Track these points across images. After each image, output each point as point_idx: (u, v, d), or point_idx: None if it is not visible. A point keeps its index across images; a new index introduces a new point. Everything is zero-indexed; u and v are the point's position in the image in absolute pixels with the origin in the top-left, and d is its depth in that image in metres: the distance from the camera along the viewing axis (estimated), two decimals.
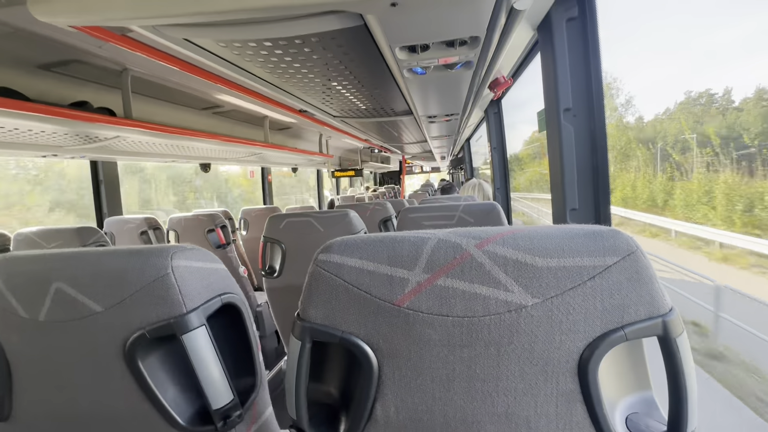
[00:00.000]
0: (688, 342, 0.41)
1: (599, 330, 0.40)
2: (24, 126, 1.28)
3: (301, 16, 0.80)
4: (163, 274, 0.54)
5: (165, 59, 1.26)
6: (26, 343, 0.58)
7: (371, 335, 0.44)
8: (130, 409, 0.58)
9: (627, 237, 0.41)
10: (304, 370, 0.47)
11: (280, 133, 3.69)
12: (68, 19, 0.77)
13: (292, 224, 1.56)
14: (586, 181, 1.29)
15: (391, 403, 0.45)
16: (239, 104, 2.29)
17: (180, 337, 0.54)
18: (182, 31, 0.86)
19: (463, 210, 1.44)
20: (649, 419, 0.45)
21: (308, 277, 0.46)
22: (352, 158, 6.15)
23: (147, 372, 0.56)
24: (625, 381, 0.47)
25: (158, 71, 1.66)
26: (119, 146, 1.85)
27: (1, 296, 0.57)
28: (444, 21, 0.82)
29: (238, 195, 7.39)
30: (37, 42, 1.26)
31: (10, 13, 1.05)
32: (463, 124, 2.69)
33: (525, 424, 0.43)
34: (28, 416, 0.61)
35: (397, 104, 1.80)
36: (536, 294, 0.40)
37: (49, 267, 0.56)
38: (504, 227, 0.44)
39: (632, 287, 0.40)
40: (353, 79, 1.31)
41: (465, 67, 1.14)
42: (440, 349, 0.43)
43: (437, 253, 0.43)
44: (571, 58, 1.27)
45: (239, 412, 0.60)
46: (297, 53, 1.02)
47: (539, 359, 0.41)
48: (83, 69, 1.59)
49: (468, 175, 6.63)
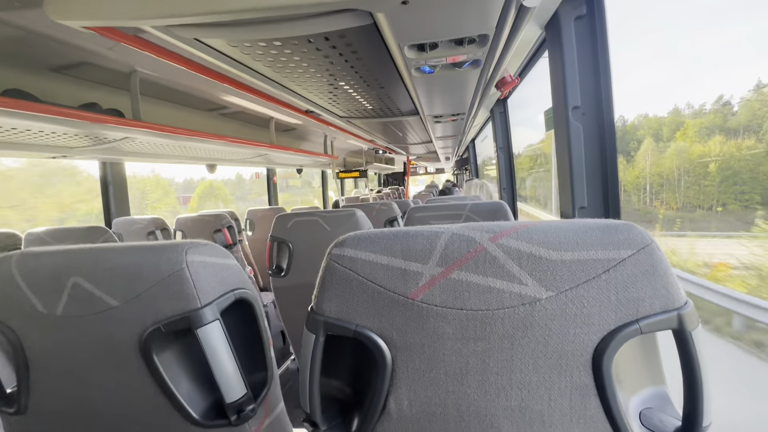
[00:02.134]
0: (703, 335, 0.41)
1: (613, 323, 0.40)
2: (36, 127, 1.30)
3: (311, 15, 0.81)
4: (178, 269, 0.55)
5: (174, 59, 1.28)
6: (44, 337, 0.59)
7: (385, 329, 0.44)
8: (145, 403, 0.58)
9: (641, 230, 0.41)
10: (317, 364, 0.47)
11: (285, 134, 3.71)
12: (83, 21, 0.78)
13: (299, 224, 1.57)
14: (595, 179, 1.28)
15: (405, 396, 0.46)
16: (246, 105, 2.30)
17: (195, 331, 0.55)
18: (193, 31, 0.88)
19: (471, 209, 1.43)
20: (663, 414, 0.45)
21: (322, 271, 0.47)
22: (356, 159, 6.16)
23: (162, 366, 0.56)
24: (639, 375, 0.47)
25: (167, 72, 1.68)
26: (127, 147, 1.87)
27: (19, 291, 0.58)
28: (453, 19, 0.83)
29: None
30: (49, 45, 1.28)
31: (24, 16, 1.07)
32: (469, 123, 2.69)
33: (539, 417, 0.43)
34: (45, 410, 0.62)
35: (404, 104, 1.81)
36: (550, 287, 0.40)
37: (66, 262, 0.57)
38: (517, 222, 0.44)
39: (647, 280, 0.39)
40: (360, 78, 1.32)
41: (472, 66, 1.15)
42: (454, 343, 0.43)
43: (451, 246, 0.43)
44: (580, 56, 1.26)
45: (252, 406, 0.60)
46: (306, 52, 1.03)
47: (553, 353, 0.41)
48: (93, 71, 1.62)
49: (473, 176, 6.61)
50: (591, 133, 1.27)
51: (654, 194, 4.65)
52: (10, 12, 1.03)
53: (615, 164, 1.26)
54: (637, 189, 4.69)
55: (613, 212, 1.27)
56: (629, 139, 4.62)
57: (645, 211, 4.58)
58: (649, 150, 4.68)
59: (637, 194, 4.77)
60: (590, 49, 1.25)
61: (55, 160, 1.97)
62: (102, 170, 2.50)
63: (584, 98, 1.27)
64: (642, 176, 4.69)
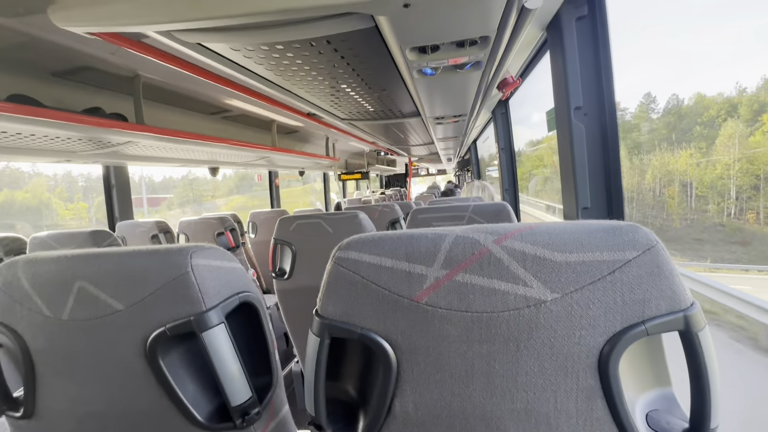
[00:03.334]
0: (710, 337, 0.41)
1: (619, 325, 0.40)
2: (40, 132, 1.31)
3: (313, 19, 0.81)
4: (183, 272, 0.55)
5: (176, 64, 1.29)
6: (50, 341, 0.59)
7: (390, 331, 0.44)
8: (151, 406, 0.59)
9: (647, 232, 0.41)
10: (322, 366, 0.47)
11: (287, 137, 3.72)
12: (87, 26, 0.79)
13: (302, 226, 1.57)
14: (598, 179, 1.28)
15: (410, 399, 0.45)
16: (248, 108, 2.31)
17: (200, 334, 0.55)
18: (196, 36, 0.88)
19: (473, 210, 1.43)
20: (670, 416, 0.45)
21: (326, 274, 0.47)
22: (358, 161, 6.17)
23: (167, 369, 0.56)
24: (645, 377, 0.47)
25: (169, 76, 1.69)
26: (130, 151, 1.88)
27: (25, 295, 0.58)
28: (455, 21, 0.83)
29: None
30: (53, 50, 1.29)
31: (28, 22, 1.08)
32: (471, 125, 2.69)
33: (545, 420, 0.43)
34: (51, 414, 0.62)
35: (405, 106, 1.81)
36: (555, 289, 0.40)
37: (72, 266, 0.58)
38: (522, 223, 0.44)
39: (653, 282, 0.39)
40: (362, 80, 1.32)
41: (474, 68, 1.15)
42: (459, 345, 0.43)
43: (455, 249, 0.43)
44: (581, 57, 1.26)
45: (257, 410, 0.60)
46: (308, 56, 1.03)
47: (559, 355, 0.41)
48: (96, 76, 1.63)
49: (475, 177, 6.61)
50: (593, 133, 1.27)
51: (745, 201, 3.90)
52: (14, 18, 1.04)
53: (618, 164, 1.26)
54: (714, 192, 4.03)
55: (617, 213, 1.27)
56: (689, 124, 3.99)
57: (733, 228, 3.93)
58: (736, 137, 3.99)
59: (716, 200, 4.06)
60: (592, 49, 1.25)
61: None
62: (105, 174, 2.51)
63: (586, 99, 1.27)
64: (725, 175, 4.07)
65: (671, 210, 11.79)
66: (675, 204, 12.09)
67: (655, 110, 16.32)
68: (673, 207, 12.00)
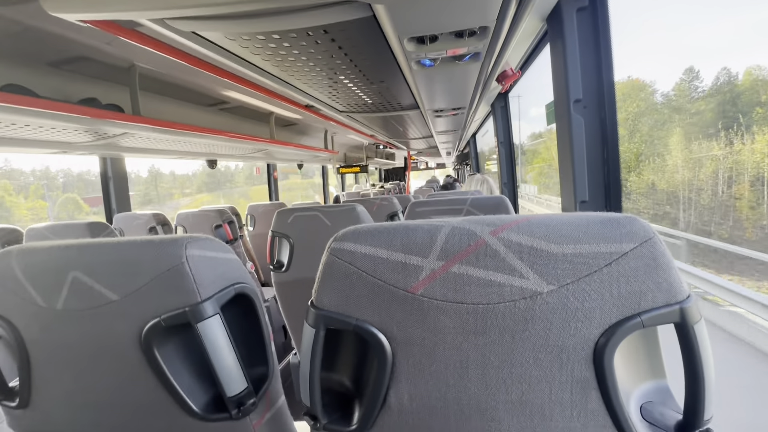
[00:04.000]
0: (705, 329, 0.41)
1: (615, 317, 0.39)
2: (35, 123, 1.30)
3: (310, 7, 0.80)
4: (178, 263, 0.55)
5: (172, 53, 1.27)
6: (44, 331, 0.59)
7: (385, 322, 0.44)
8: (146, 397, 0.59)
9: (644, 223, 0.41)
10: (318, 357, 0.47)
11: (285, 129, 3.70)
12: (79, 14, 0.78)
13: (299, 219, 1.57)
14: (596, 173, 1.27)
15: (405, 390, 0.45)
16: (245, 100, 2.29)
17: (195, 325, 0.54)
18: (190, 24, 0.87)
19: (471, 203, 1.43)
20: (664, 408, 0.45)
21: (322, 265, 0.47)
22: (357, 155, 6.15)
23: (163, 360, 0.56)
24: (640, 369, 0.47)
25: (165, 66, 1.67)
26: (127, 142, 1.87)
27: (19, 286, 0.58)
28: (454, 11, 0.82)
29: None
30: (47, 40, 1.27)
31: (21, 11, 1.06)
32: (470, 118, 2.68)
33: (539, 411, 0.43)
34: (47, 404, 0.62)
35: (404, 98, 1.80)
36: (551, 281, 0.40)
37: (66, 256, 0.57)
38: (519, 215, 0.44)
39: (649, 274, 0.39)
40: (360, 72, 1.31)
41: (473, 59, 1.14)
42: (454, 337, 0.43)
43: (451, 240, 0.42)
44: (582, 49, 1.25)
45: (253, 400, 0.60)
46: (305, 46, 1.02)
47: (554, 346, 0.41)
48: (91, 66, 1.61)
49: (474, 171, 6.60)
50: (592, 126, 1.27)
51: None
52: (6, 6, 1.03)
53: (617, 157, 1.25)
54: None
55: (614, 205, 1.27)
56: (750, 102, 3.18)
57: None
58: None
59: None
60: (592, 41, 1.24)
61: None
62: (102, 166, 2.50)
63: (586, 91, 1.26)
64: None
65: (740, 215, 9.00)
66: (745, 207, 9.23)
67: (698, 88, 13.49)
68: (744, 210, 9.13)
